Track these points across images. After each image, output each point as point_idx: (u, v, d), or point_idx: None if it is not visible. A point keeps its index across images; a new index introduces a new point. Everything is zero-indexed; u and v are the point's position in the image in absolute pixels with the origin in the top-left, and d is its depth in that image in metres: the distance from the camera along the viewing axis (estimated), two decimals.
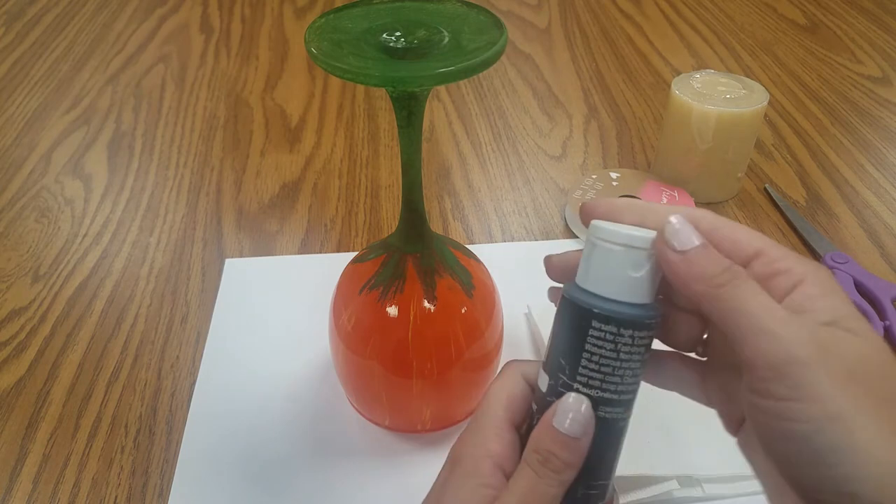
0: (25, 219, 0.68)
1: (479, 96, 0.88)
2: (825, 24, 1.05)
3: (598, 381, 0.28)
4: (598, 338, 0.28)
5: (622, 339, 0.28)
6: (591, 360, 0.28)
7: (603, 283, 0.28)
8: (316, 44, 0.35)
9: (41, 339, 0.56)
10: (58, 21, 1.06)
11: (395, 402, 0.46)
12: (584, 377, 0.29)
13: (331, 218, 0.68)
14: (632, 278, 0.28)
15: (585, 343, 0.28)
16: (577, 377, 0.29)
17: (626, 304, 0.28)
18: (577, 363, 0.29)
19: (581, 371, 0.29)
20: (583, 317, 0.28)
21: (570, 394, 0.28)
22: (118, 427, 0.50)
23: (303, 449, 0.48)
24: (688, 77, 0.69)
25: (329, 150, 0.78)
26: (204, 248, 0.65)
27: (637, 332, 0.28)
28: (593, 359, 0.28)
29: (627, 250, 0.28)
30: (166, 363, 0.54)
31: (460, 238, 0.66)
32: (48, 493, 0.46)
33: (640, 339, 0.28)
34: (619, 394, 0.29)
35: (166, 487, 0.46)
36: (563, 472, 0.28)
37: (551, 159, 0.77)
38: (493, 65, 0.34)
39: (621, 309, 0.28)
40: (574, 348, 0.29)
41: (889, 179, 0.73)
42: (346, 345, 0.45)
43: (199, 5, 1.11)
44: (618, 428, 0.29)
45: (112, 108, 0.85)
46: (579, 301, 0.28)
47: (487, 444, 0.30)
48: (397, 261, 0.44)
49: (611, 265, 0.28)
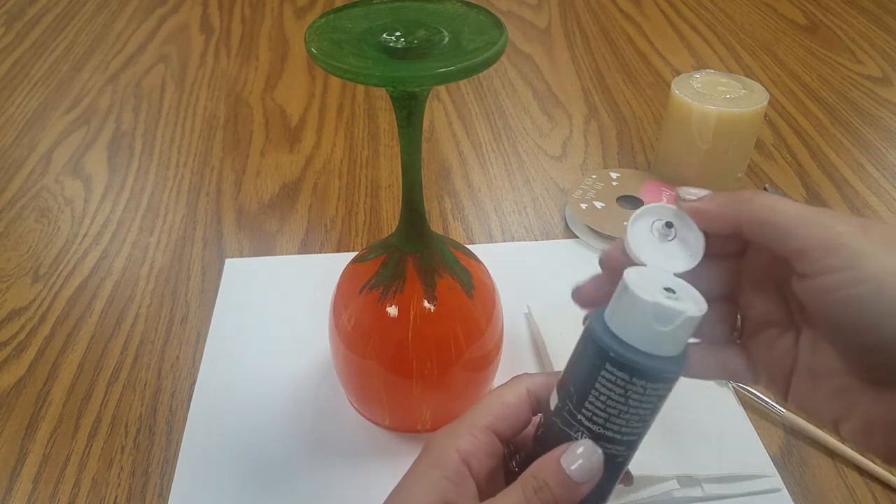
0: (25, 219, 0.68)
1: (479, 96, 0.88)
2: (825, 24, 1.05)
3: (602, 420, 0.28)
4: (609, 381, 0.28)
5: (633, 387, 0.27)
6: (599, 398, 0.28)
7: (626, 327, 0.28)
8: (316, 44, 0.35)
9: (41, 339, 0.56)
10: (58, 21, 1.06)
11: (395, 402, 0.46)
12: (588, 412, 0.28)
13: (331, 218, 0.68)
14: (656, 331, 0.27)
15: (596, 381, 0.28)
16: (582, 410, 0.29)
17: (644, 354, 0.27)
18: (585, 398, 0.28)
19: (587, 406, 0.28)
20: (598, 355, 0.28)
21: (587, 441, 0.29)
22: (118, 427, 0.50)
23: (303, 449, 0.48)
24: (688, 77, 0.69)
25: (329, 150, 0.78)
26: (204, 248, 0.65)
27: (650, 384, 0.27)
28: (601, 398, 0.28)
29: (657, 305, 0.27)
30: (166, 363, 0.54)
31: (460, 238, 0.66)
32: (48, 493, 0.46)
33: (653, 391, 0.28)
34: (622, 434, 0.28)
35: (166, 487, 0.46)
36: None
37: (551, 159, 0.77)
38: (493, 65, 0.34)
39: (638, 358, 0.27)
40: (585, 382, 0.28)
41: (889, 179, 0.73)
42: (346, 345, 0.45)
43: (199, 5, 1.11)
44: (616, 463, 0.29)
45: (112, 108, 0.85)
46: (598, 339, 0.28)
47: (458, 440, 0.30)
48: (397, 261, 0.44)
49: (637, 313, 0.27)
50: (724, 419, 0.49)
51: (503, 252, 0.64)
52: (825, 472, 0.47)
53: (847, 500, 0.45)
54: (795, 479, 0.46)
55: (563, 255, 0.63)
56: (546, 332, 0.54)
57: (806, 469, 0.47)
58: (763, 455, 0.47)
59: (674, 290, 0.28)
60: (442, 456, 0.30)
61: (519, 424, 0.31)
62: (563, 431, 0.29)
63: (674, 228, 0.30)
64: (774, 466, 0.46)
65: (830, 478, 0.46)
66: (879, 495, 0.45)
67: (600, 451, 0.28)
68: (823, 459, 0.47)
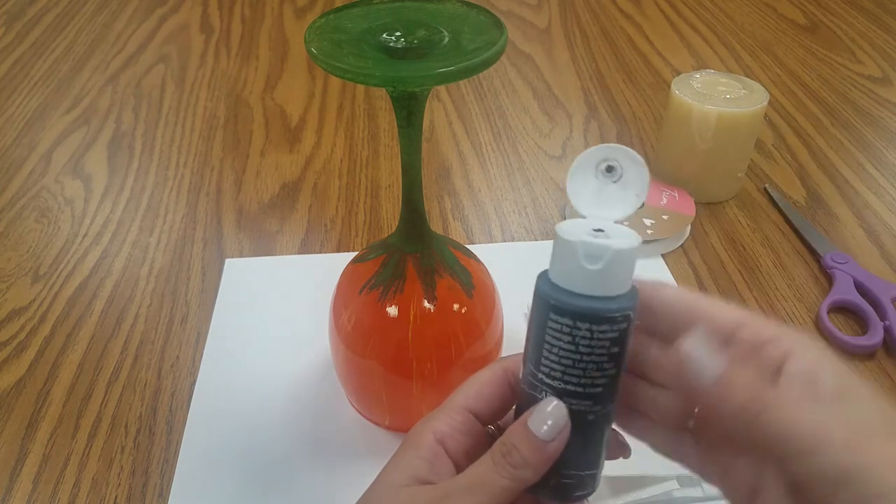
0: (25, 219, 0.68)
1: (479, 96, 0.88)
2: (825, 24, 1.05)
3: (560, 373, 0.28)
4: (556, 330, 0.28)
5: (579, 331, 0.28)
6: (552, 352, 0.28)
7: (563, 275, 0.28)
8: (316, 44, 0.35)
9: (41, 339, 0.56)
10: (58, 21, 1.06)
11: (395, 402, 0.46)
12: (546, 367, 0.29)
13: (331, 218, 0.68)
14: (588, 271, 0.27)
15: (545, 335, 0.28)
16: (540, 367, 0.29)
17: (582, 296, 0.27)
18: (540, 354, 0.29)
19: (543, 362, 0.29)
20: (542, 307, 0.29)
21: (549, 398, 0.29)
22: (118, 427, 0.50)
23: (303, 449, 0.48)
24: (688, 77, 0.69)
25: (329, 150, 0.78)
26: (204, 248, 0.65)
27: (595, 326, 0.27)
28: (553, 351, 0.28)
29: (583, 244, 0.27)
30: (166, 363, 0.54)
31: (460, 238, 0.66)
32: (48, 493, 0.46)
33: (601, 333, 0.28)
34: (583, 387, 0.28)
35: (166, 487, 0.46)
36: (520, 468, 0.28)
37: (551, 159, 0.77)
38: (493, 65, 0.34)
39: (576, 301, 0.27)
40: (537, 339, 0.29)
41: (889, 179, 0.73)
42: (346, 345, 0.45)
43: (199, 5, 1.11)
44: (588, 421, 0.29)
45: (112, 108, 0.85)
46: (540, 291, 0.29)
47: (433, 422, 0.31)
48: (397, 261, 0.44)
49: (568, 258, 0.28)
50: None
51: (503, 252, 0.64)
52: None
53: None
54: None
55: None
56: None
57: None
58: None
59: (603, 230, 0.28)
60: (416, 438, 0.31)
61: (497, 403, 0.32)
62: (530, 396, 0.30)
63: (617, 170, 0.30)
64: None
65: None
66: None
67: (564, 406, 0.29)
68: None
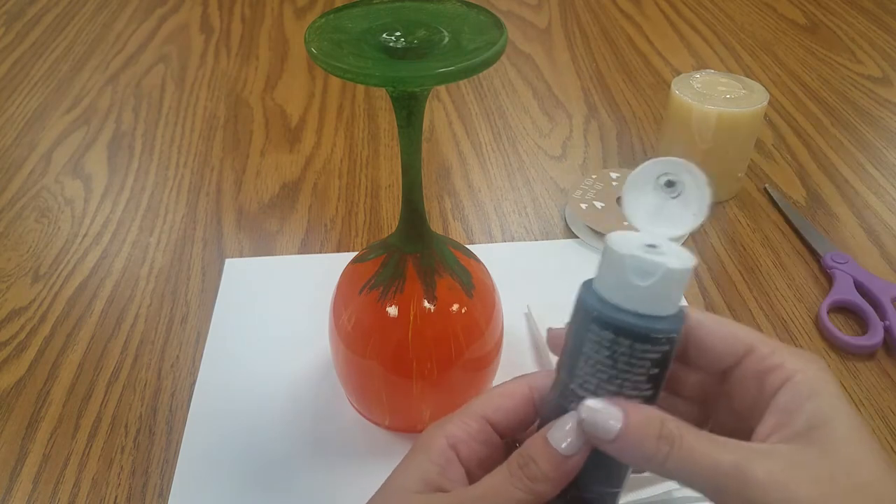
0: (25, 219, 0.68)
1: (479, 96, 0.88)
2: (825, 24, 1.05)
3: (593, 386, 0.28)
4: (596, 342, 0.27)
5: (619, 347, 0.27)
6: (588, 363, 0.28)
7: (609, 287, 0.27)
8: (316, 44, 0.35)
9: (41, 339, 0.56)
10: (58, 21, 1.06)
11: (395, 402, 0.46)
12: (580, 379, 0.28)
13: (331, 218, 0.68)
14: (637, 287, 0.26)
15: (583, 345, 0.28)
16: (573, 378, 0.28)
17: (628, 312, 0.26)
18: (576, 364, 0.28)
19: (577, 373, 0.28)
20: (584, 317, 0.28)
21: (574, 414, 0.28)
22: (118, 427, 0.50)
23: (303, 449, 0.48)
24: (688, 77, 0.69)
25: (329, 150, 0.78)
26: (204, 248, 0.65)
27: (637, 344, 0.27)
28: (589, 362, 0.27)
29: (634, 258, 0.26)
30: (166, 363, 0.54)
31: (460, 238, 0.66)
32: (48, 493, 0.46)
33: (642, 352, 0.27)
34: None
35: (166, 487, 0.46)
36: (537, 482, 0.28)
37: (551, 159, 0.77)
38: (493, 65, 0.34)
39: (621, 317, 0.26)
40: (574, 348, 0.28)
41: (889, 179, 0.73)
42: (346, 345, 0.45)
43: (199, 5, 1.11)
44: None
45: (112, 108, 0.85)
46: (583, 301, 0.28)
47: (448, 426, 0.30)
48: (397, 261, 0.44)
49: (616, 270, 0.27)
50: None
51: (503, 252, 0.64)
52: None
53: None
54: None
55: (563, 255, 0.63)
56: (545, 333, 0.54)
57: None
58: None
59: (656, 246, 0.27)
60: (429, 441, 0.30)
61: (516, 418, 0.31)
62: (557, 405, 0.29)
63: (677, 186, 0.28)
64: None
65: None
66: None
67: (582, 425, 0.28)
68: None
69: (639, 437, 0.26)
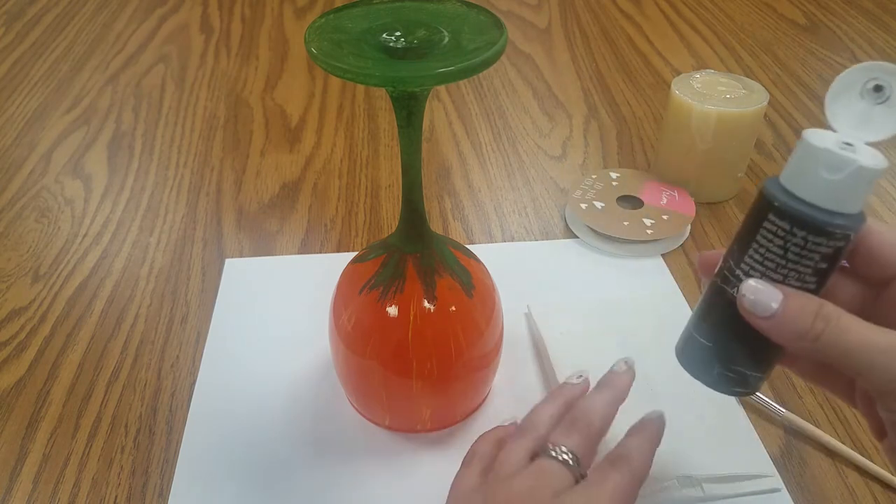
0: (25, 219, 0.68)
1: (479, 96, 0.88)
2: (825, 24, 1.05)
3: (759, 273, 0.29)
4: (771, 231, 0.28)
5: (793, 238, 0.27)
6: (758, 251, 0.28)
7: (795, 179, 0.28)
8: (316, 44, 0.35)
9: (41, 339, 0.56)
10: (58, 21, 1.06)
11: (395, 402, 0.46)
12: (747, 265, 0.29)
13: (331, 218, 0.68)
14: (823, 180, 0.27)
15: (758, 233, 0.28)
16: (741, 264, 0.29)
17: (809, 204, 0.27)
18: (746, 251, 0.29)
19: (746, 260, 0.29)
20: (763, 206, 0.28)
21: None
22: (118, 427, 0.50)
23: (303, 449, 0.48)
24: (688, 77, 0.69)
25: (329, 150, 0.78)
26: (204, 248, 0.65)
27: (812, 237, 0.27)
28: (759, 250, 0.28)
29: (828, 152, 0.27)
30: (166, 363, 0.54)
31: (460, 238, 0.66)
32: (48, 493, 0.46)
33: (815, 245, 0.27)
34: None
35: (166, 487, 0.46)
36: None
37: (551, 159, 0.77)
38: (493, 65, 0.34)
39: (801, 207, 0.27)
40: (747, 235, 0.29)
41: (889, 179, 0.73)
42: (346, 345, 0.45)
43: (199, 5, 1.11)
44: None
45: (112, 108, 0.85)
46: (766, 191, 0.28)
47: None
48: (397, 261, 0.44)
49: (807, 162, 0.27)
50: (724, 419, 0.49)
51: (503, 252, 0.64)
52: (825, 472, 0.46)
53: (847, 500, 0.45)
54: (795, 479, 0.46)
55: (563, 255, 0.63)
56: (546, 332, 0.54)
57: (806, 469, 0.47)
58: (763, 455, 0.47)
59: (852, 144, 0.28)
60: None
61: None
62: (719, 288, 0.30)
63: (886, 90, 0.28)
64: (774, 466, 0.46)
65: (830, 478, 0.46)
66: (879, 495, 0.45)
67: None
68: (823, 459, 0.47)
69: (796, 315, 0.28)
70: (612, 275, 0.61)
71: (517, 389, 0.51)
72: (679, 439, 0.46)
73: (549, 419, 0.40)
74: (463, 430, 0.48)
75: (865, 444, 0.48)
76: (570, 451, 0.36)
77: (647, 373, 0.51)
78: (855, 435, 0.49)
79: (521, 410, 0.50)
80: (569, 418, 0.39)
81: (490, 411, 0.50)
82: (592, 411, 0.39)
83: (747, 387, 0.32)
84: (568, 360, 0.52)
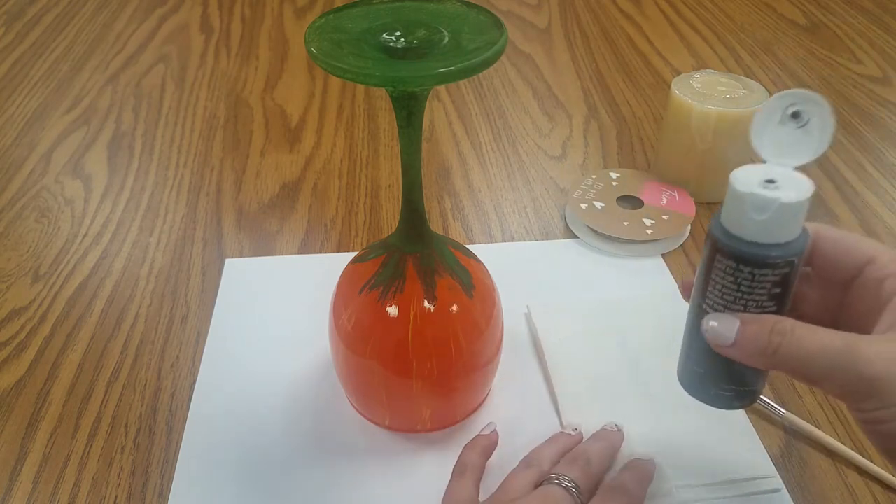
0: (25, 219, 0.68)
1: (479, 96, 0.88)
2: (825, 24, 1.05)
3: (721, 307, 0.32)
4: (721, 269, 0.31)
5: (742, 273, 0.31)
6: (716, 287, 0.32)
7: (730, 220, 0.31)
8: (316, 44, 0.35)
9: (41, 339, 0.56)
10: (58, 21, 1.06)
11: (395, 402, 0.46)
12: (710, 300, 0.32)
13: (331, 218, 0.68)
14: (753, 220, 0.30)
15: (711, 272, 0.32)
16: (706, 299, 0.33)
17: (748, 242, 0.30)
18: (707, 286, 0.32)
19: (708, 295, 0.33)
20: (711, 248, 0.32)
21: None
22: (118, 427, 0.50)
23: (303, 449, 0.48)
24: (688, 77, 0.69)
25: (329, 150, 0.78)
26: (204, 248, 0.65)
27: (757, 270, 0.30)
28: (717, 287, 0.32)
29: (752, 195, 0.29)
30: (166, 363, 0.54)
31: (460, 238, 0.66)
32: (48, 493, 0.46)
33: (762, 276, 0.30)
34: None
35: (166, 487, 0.46)
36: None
37: (551, 159, 0.77)
38: (493, 65, 0.34)
39: (740, 246, 0.30)
40: (706, 272, 0.32)
41: (889, 179, 0.73)
42: (346, 345, 0.45)
43: (199, 5, 1.11)
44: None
45: (112, 108, 0.85)
46: (710, 233, 0.32)
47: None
48: (397, 261, 0.44)
49: (737, 206, 0.30)
50: (724, 419, 0.49)
51: (503, 252, 0.64)
52: (825, 472, 0.46)
53: (847, 500, 0.45)
54: (795, 479, 0.46)
55: (563, 255, 0.63)
56: (545, 332, 0.54)
57: (806, 469, 0.47)
58: (763, 455, 0.47)
59: (775, 181, 0.30)
60: None
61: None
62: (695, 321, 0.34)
63: (803, 116, 0.31)
64: (774, 466, 0.46)
65: (830, 478, 0.46)
66: (879, 495, 0.45)
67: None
68: (823, 459, 0.47)
69: (753, 337, 0.30)
70: (612, 275, 0.61)
71: (517, 389, 0.51)
72: (679, 440, 0.46)
73: (549, 456, 0.43)
74: (463, 430, 0.48)
75: (865, 444, 0.48)
76: (573, 480, 0.39)
77: (646, 373, 0.51)
78: (855, 435, 0.49)
79: (521, 410, 0.50)
80: (569, 456, 0.42)
81: (490, 411, 0.50)
82: (591, 453, 0.42)
83: (745, 400, 0.35)
84: (566, 362, 0.52)
